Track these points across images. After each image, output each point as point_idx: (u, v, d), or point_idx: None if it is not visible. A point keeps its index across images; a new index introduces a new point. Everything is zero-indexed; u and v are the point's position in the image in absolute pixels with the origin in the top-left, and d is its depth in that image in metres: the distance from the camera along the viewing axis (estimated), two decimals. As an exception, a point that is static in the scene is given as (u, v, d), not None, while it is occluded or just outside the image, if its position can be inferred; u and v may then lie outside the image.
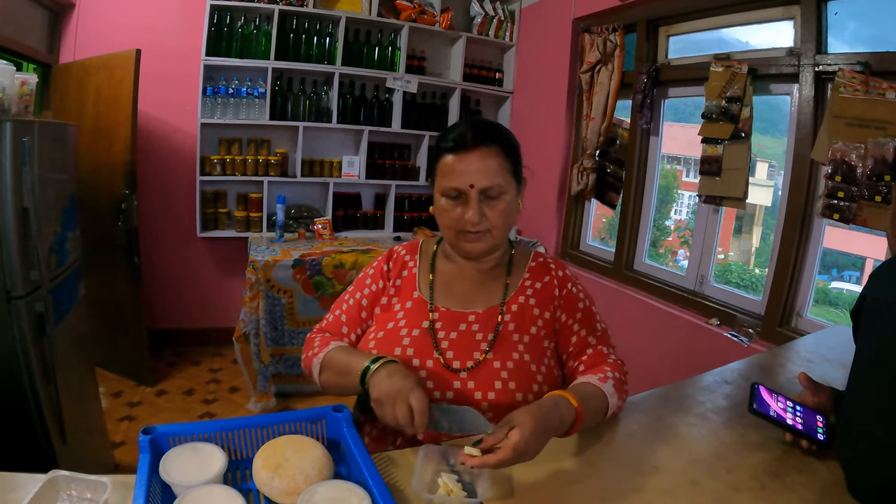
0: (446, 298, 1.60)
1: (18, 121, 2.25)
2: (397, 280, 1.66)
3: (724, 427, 1.47)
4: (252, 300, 3.95)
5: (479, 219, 1.46)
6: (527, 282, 1.61)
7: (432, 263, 1.66)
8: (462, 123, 1.52)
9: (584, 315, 1.59)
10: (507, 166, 1.49)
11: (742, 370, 1.87)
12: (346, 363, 1.43)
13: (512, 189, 1.51)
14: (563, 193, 4.69)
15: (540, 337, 1.54)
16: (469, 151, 1.46)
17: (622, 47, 4.07)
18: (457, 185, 1.46)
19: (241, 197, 4.81)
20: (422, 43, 5.11)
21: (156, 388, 4.25)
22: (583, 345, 1.55)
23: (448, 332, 1.53)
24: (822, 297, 3.23)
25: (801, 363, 1.95)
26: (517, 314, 1.55)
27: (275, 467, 1.09)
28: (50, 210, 2.55)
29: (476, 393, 1.44)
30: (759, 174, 3.54)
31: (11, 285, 2.22)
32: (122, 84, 3.85)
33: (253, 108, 4.62)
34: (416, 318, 1.56)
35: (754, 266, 3.90)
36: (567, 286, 1.62)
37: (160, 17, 4.49)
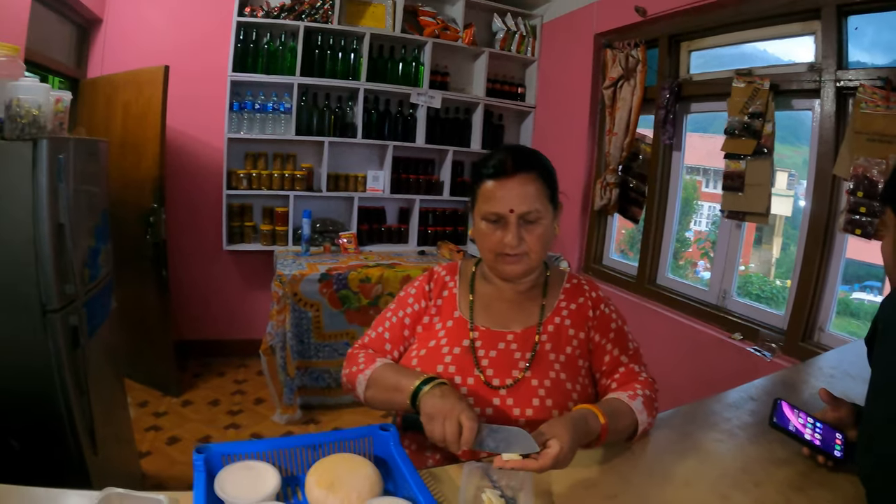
0: (485, 318, 1.64)
1: (54, 138, 2.29)
2: (438, 300, 1.71)
3: (750, 443, 1.49)
4: (279, 313, 4.00)
5: (518, 242, 1.51)
6: (562, 303, 1.66)
7: (471, 284, 1.71)
8: (502, 150, 1.57)
9: (617, 335, 1.63)
10: (544, 192, 1.55)
11: (766, 386, 1.89)
12: (396, 381, 1.47)
13: (549, 214, 1.57)
14: (587, 208, 4.71)
15: (575, 356, 1.59)
16: (509, 178, 1.52)
17: (644, 63, 4.09)
18: (497, 209, 1.51)
19: (267, 211, 4.87)
20: (445, 58, 5.17)
21: (181, 398, 4.30)
22: (615, 363, 1.59)
23: (488, 350, 1.57)
24: (843, 308, 3.22)
25: (823, 379, 1.97)
26: (553, 334, 1.60)
27: (328, 485, 1.12)
28: (84, 225, 2.60)
29: (514, 409, 1.48)
30: (779, 184, 3.52)
31: (47, 299, 2.26)
32: (151, 101, 3.93)
33: (279, 123, 4.69)
34: (457, 336, 1.61)
35: (775, 277, 3.89)
36: (600, 307, 1.66)
37: (187, 34, 4.58)
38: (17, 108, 2.24)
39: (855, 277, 3.31)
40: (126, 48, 4.44)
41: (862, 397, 1.35)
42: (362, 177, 5.04)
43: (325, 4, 4.63)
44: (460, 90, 5.30)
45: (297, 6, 4.58)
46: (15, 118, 2.23)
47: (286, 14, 4.56)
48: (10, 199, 2.20)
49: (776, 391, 1.84)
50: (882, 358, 1.22)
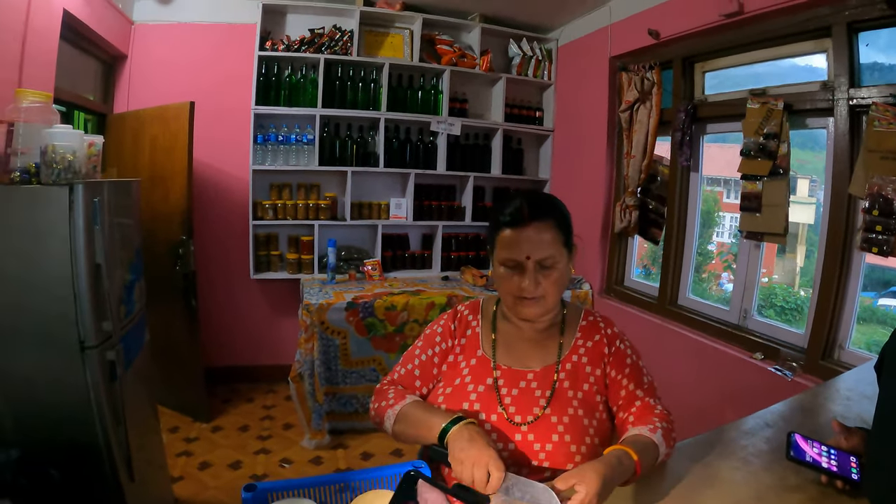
0: (507, 357, 1.71)
1: (89, 182, 2.38)
2: (462, 339, 1.78)
3: (765, 470, 1.52)
4: (307, 342, 4.07)
5: (535, 287, 1.59)
6: (579, 341, 1.73)
7: (493, 323, 1.79)
8: (518, 198, 1.65)
9: (632, 370, 1.69)
10: (559, 238, 1.62)
11: (783, 412, 1.91)
12: (425, 419, 1.54)
13: (563, 258, 1.64)
14: (607, 230, 4.74)
15: (592, 392, 1.65)
16: (525, 226, 1.59)
17: (659, 85, 4.14)
18: (514, 256, 1.60)
19: (293, 240, 4.95)
20: (463, 85, 5.25)
21: (211, 424, 4.38)
22: (631, 397, 1.64)
23: (510, 388, 1.65)
24: (870, 316, 3.22)
25: (840, 402, 1.99)
26: (571, 372, 1.67)
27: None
28: (119, 263, 2.68)
29: (535, 444, 1.55)
30: (800, 191, 3.55)
31: (85, 336, 2.34)
32: (178, 135, 4.04)
33: (302, 154, 4.79)
34: (481, 375, 1.68)
35: (799, 287, 3.86)
36: (616, 343, 1.72)
37: (210, 68, 4.72)
38: (53, 155, 2.33)
39: (880, 284, 3.29)
40: (151, 83, 4.59)
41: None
42: (385, 204, 5.11)
43: (345, 36, 4.74)
44: (479, 116, 5.38)
45: (316, 39, 4.69)
46: (51, 164, 2.32)
47: (306, 47, 4.68)
48: (49, 241, 2.29)
49: (793, 417, 1.86)
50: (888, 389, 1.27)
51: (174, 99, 4.11)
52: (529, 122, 5.47)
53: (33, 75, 3.10)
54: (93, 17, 3.84)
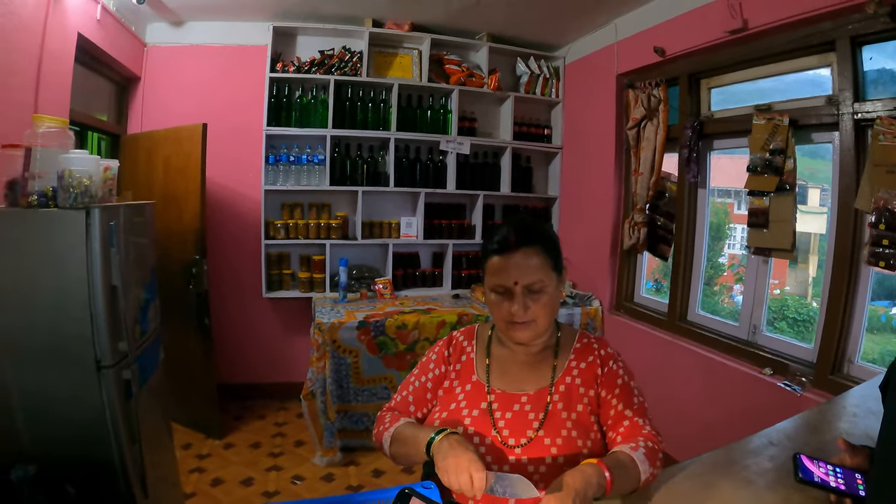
0: (501, 381, 1.75)
1: (105, 206, 2.43)
2: (457, 365, 1.83)
3: (768, 490, 1.52)
4: (319, 360, 4.10)
5: (524, 311, 1.63)
6: (573, 363, 1.75)
7: (488, 348, 1.83)
8: (506, 226, 1.70)
9: (622, 390, 1.69)
10: (547, 263, 1.67)
11: (788, 430, 1.90)
12: (414, 435, 1.60)
13: (552, 282, 1.68)
14: (616, 247, 4.75)
15: (586, 413, 1.66)
16: (513, 252, 1.64)
17: (666, 102, 4.17)
18: (503, 282, 1.64)
19: (304, 259, 5.00)
20: (472, 105, 5.30)
21: (223, 440, 4.40)
22: (619, 417, 1.64)
23: (504, 412, 1.68)
24: (883, 326, 3.21)
25: (847, 418, 1.99)
26: (565, 394, 1.69)
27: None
28: (134, 283, 2.73)
29: (529, 466, 1.58)
30: (810, 201, 3.55)
31: (101, 356, 2.38)
32: (190, 157, 4.10)
33: (313, 174, 4.85)
34: (475, 399, 1.72)
35: (811, 298, 3.82)
36: (609, 364, 1.74)
37: (222, 90, 4.80)
38: (70, 179, 2.37)
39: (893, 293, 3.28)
40: (164, 104, 4.67)
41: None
42: (396, 223, 5.16)
43: (354, 57, 4.81)
44: (488, 135, 5.42)
45: (326, 60, 4.76)
46: (68, 188, 2.37)
47: (316, 68, 4.75)
48: (66, 263, 2.34)
49: (798, 435, 1.86)
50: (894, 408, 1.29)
51: (187, 120, 4.19)
52: (538, 140, 5.50)
53: (49, 98, 3.17)
54: (106, 40, 3.92)
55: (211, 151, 4.14)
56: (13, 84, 2.92)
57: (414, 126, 5.07)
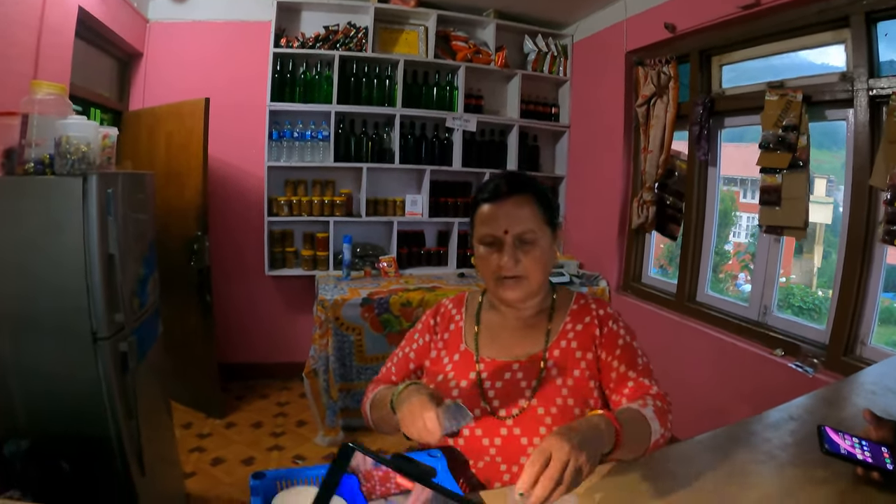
0: (491, 349, 1.65)
1: (103, 173, 2.38)
2: (445, 334, 1.73)
3: (791, 464, 1.48)
4: (321, 338, 4.05)
5: (514, 263, 1.52)
6: (568, 325, 1.64)
7: (477, 315, 1.73)
8: (498, 175, 1.61)
9: (624, 350, 1.59)
10: (540, 214, 1.57)
11: (807, 405, 1.86)
12: (383, 396, 1.55)
13: (546, 236, 1.58)
14: (624, 227, 4.70)
15: (584, 378, 1.56)
16: (504, 200, 1.55)
17: (676, 79, 4.09)
18: (492, 231, 1.54)
19: (308, 236, 4.96)
20: (478, 82, 5.23)
21: (225, 420, 4.37)
22: (623, 379, 1.55)
23: (494, 381, 1.58)
24: (889, 317, 3.17)
25: (865, 395, 1.94)
26: (560, 359, 1.58)
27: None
28: (132, 255, 2.68)
29: (522, 439, 1.49)
30: (817, 191, 3.49)
31: (97, 327, 2.34)
32: (193, 132, 4.05)
33: (317, 150, 4.79)
34: (464, 369, 1.62)
35: (817, 287, 3.82)
36: (608, 324, 1.63)
37: (225, 66, 4.73)
38: (67, 145, 2.32)
39: None
40: (166, 81, 4.60)
41: None
42: (401, 201, 5.10)
43: (359, 33, 4.73)
44: (495, 112, 5.35)
45: (331, 36, 4.69)
46: (65, 154, 2.32)
47: (321, 44, 4.67)
48: (62, 231, 2.29)
49: (817, 410, 1.82)
50: None
51: (189, 96, 4.13)
52: (545, 119, 5.44)
53: (48, 70, 3.11)
54: (108, 15, 3.85)
55: (214, 128, 4.09)
56: (12, 55, 2.86)
57: (420, 103, 5.00)
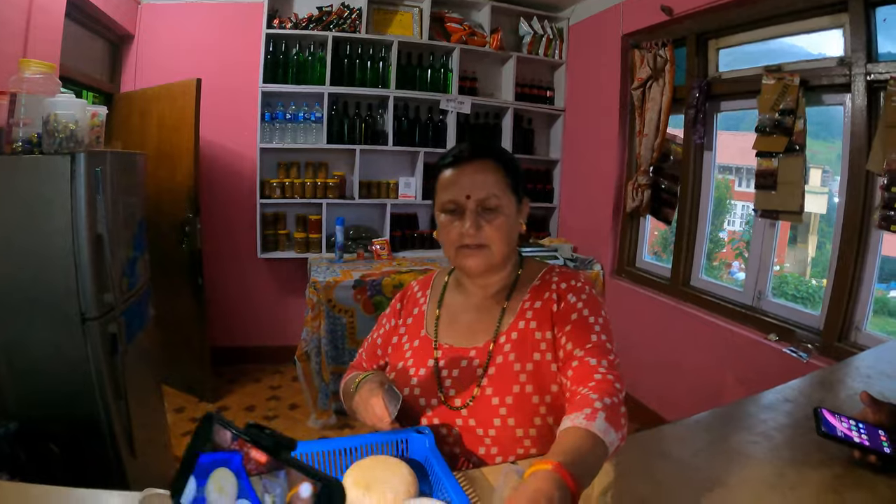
0: (450, 335, 1.57)
1: (91, 151, 2.36)
2: (408, 318, 1.67)
3: (787, 445, 1.47)
4: (313, 320, 4.03)
5: (476, 230, 1.44)
6: (526, 304, 1.53)
7: (441, 297, 1.66)
8: (463, 143, 1.55)
9: (575, 325, 1.43)
10: (505, 181, 1.49)
11: (802, 388, 1.85)
12: (349, 385, 1.56)
13: (511, 205, 1.50)
14: (619, 210, 4.68)
15: (545, 362, 1.44)
16: (466, 164, 1.49)
17: (672, 62, 4.07)
18: (453, 196, 1.47)
19: (300, 219, 4.92)
20: (473, 64, 5.18)
21: (217, 404, 4.37)
22: (569, 358, 1.39)
23: (451, 369, 1.51)
24: (881, 307, 3.17)
25: (860, 379, 1.93)
26: (518, 342, 1.48)
27: (366, 486, 1.14)
28: (122, 235, 2.66)
29: (478, 430, 1.43)
30: (812, 181, 3.47)
31: (86, 307, 2.33)
32: (184, 112, 4.01)
33: (310, 132, 4.75)
34: (422, 357, 1.56)
35: (811, 276, 3.83)
36: (566, 297, 1.49)
37: (217, 47, 4.67)
38: (55, 124, 2.30)
39: (892, 275, 3.25)
40: (158, 63, 4.55)
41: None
42: (394, 183, 5.06)
43: (353, 14, 4.67)
44: (489, 95, 5.31)
45: (324, 17, 4.63)
46: (53, 133, 2.30)
47: (314, 25, 4.62)
48: (50, 211, 2.27)
49: (812, 393, 1.81)
50: None
51: (181, 78, 4.08)
52: (541, 102, 5.40)
53: (38, 51, 3.07)
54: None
55: (206, 110, 4.06)
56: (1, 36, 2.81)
57: (414, 84, 4.96)
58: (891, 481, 1.28)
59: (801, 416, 1.58)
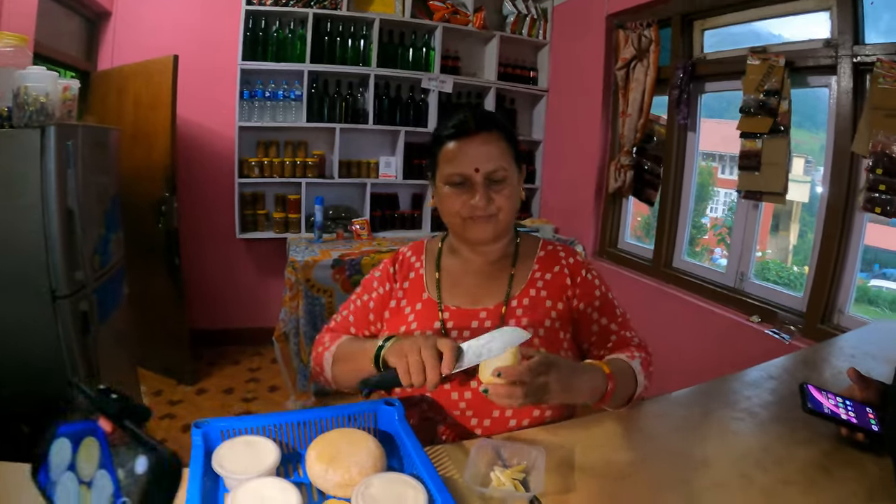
0: (455, 296, 1.57)
1: (62, 125, 2.30)
2: (405, 283, 1.65)
3: (772, 422, 1.45)
4: (292, 300, 3.98)
5: (487, 203, 1.45)
6: (536, 273, 1.58)
7: (438, 261, 1.65)
8: (461, 111, 1.52)
9: (602, 302, 1.56)
10: (509, 151, 1.51)
11: (787, 365, 1.84)
12: (360, 347, 1.46)
13: (515, 174, 1.52)
14: (601, 191, 4.66)
15: (555, 329, 1.50)
16: (471, 137, 1.47)
17: (657, 42, 4.04)
18: (461, 170, 1.46)
19: (280, 199, 4.86)
20: (456, 43, 5.12)
21: (196, 386, 4.32)
22: (606, 332, 1.53)
23: (460, 331, 1.51)
24: (861, 296, 3.17)
25: (844, 359, 1.91)
26: (529, 307, 1.52)
27: (329, 460, 1.10)
28: (94, 212, 2.61)
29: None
30: (795, 170, 3.46)
31: (56, 285, 2.29)
32: (161, 90, 3.93)
33: (290, 110, 4.68)
34: (428, 319, 1.54)
35: (792, 264, 3.83)
36: (581, 273, 1.58)
37: (196, 24, 4.57)
38: (25, 96, 2.25)
39: (874, 264, 3.27)
40: (135, 40, 4.43)
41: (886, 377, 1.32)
42: (374, 163, 5.01)
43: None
44: (472, 75, 5.26)
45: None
46: (23, 106, 2.25)
47: (294, 2, 4.53)
48: (20, 185, 2.22)
49: (797, 370, 1.79)
50: None
51: (159, 55, 3.99)
52: (524, 82, 5.36)
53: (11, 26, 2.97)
54: (75, -28, 3.70)
55: (184, 88, 3.99)
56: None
57: (395, 63, 4.90)
58: (878, 459, 1.26)
59: (786, 394, 1.57)
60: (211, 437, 1.17)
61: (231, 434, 1.18)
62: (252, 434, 1.19)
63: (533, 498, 1.09)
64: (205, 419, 1.18)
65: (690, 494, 1.16)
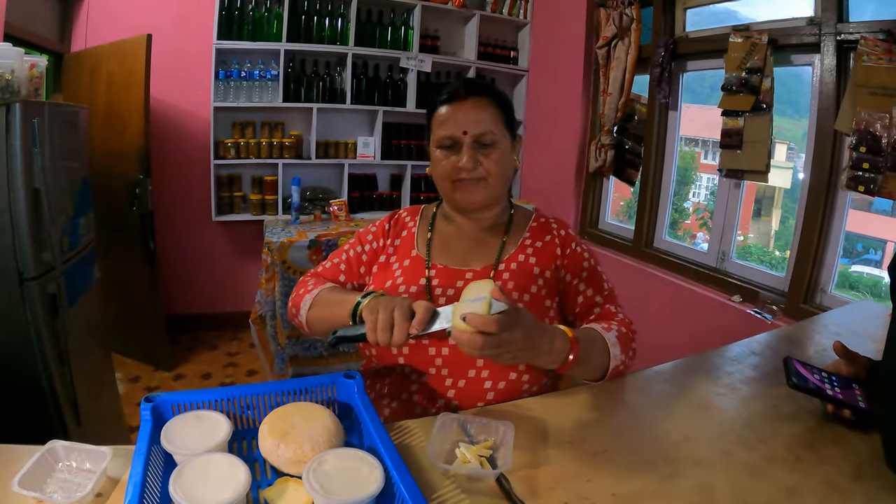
0: (444, 256, 1.59)
1: (28, 102, 2.24)
2: (396, 240, 1.67)
3: (755, 398, 1.42)
4: (268, 282, 3.92)
5: (474, 165, 1.47)
6: (527, 241, 1.60)
7: (431, 224, 1.67)
8: (456, 80, 1.54)
9: (590, 274, 1.57)
10: (500, 117, 1.52)
11: (769, 342, 1.81)
12: (342, 297, 1.44)
13: (506, 141, 1.53)
14: (581, 171, 4.63)
15: (541, 296, 1.51)
16: (462, 101, 1.50)
17: (639, 21, 4.00)
18: (450, 132, 1.48)
19: (256, 180, 4.79)
20: (435, 22, 5.07)
21: (173, 372, 4.28)
22: (589, 304, 1.54)
23: (445, 289, 1.52)
24: (842, 281, 3.17)
25: (829, 336, 1.88)
26: (516, 272, 1.53)
27: (282, 435, 1.05)
28: (62, 192, 2.55)
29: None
30: (777, 156, 3.47)
31: (23, 267, 2.22)
32: (134, 70, 3.86)
33: (266, 90, 4.61)
34: (414, 275, 1.56)
35: (774, 248, 3.85)
36: (571, 245, 1.60)
37: (171, 4, 4.48)
38: (-10, 74, 2.18)
39: (855, 248, 3.31)
40: (110, 21, 4.34)
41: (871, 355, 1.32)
42: (352, 143, 4.95)
43: (311, -32, 4.52)
44: (451, 54, 5.20)
45: (282, -29, 4.47)
46: (-13, 83, 2.17)
47: (270, -21, 4.46)
48: (-16, 164, 2.14)
49: (780, 346, 1.76)
50: None
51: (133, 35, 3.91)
52: (504, 62, 5.32)
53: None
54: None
55: (158, 68, 3.92)
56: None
57: (373, 42, 4.83)
58: (865, 436, 1.22)
59: (769, 370, 1.54)
60: (162, 411, 1.13)
61: (183, 409, 1.14)
62: (206, 409, 1.15)
63: (500, 475, 1.05)
64: (157, 393, 1.13)
65: (669, 472, 1.11)
